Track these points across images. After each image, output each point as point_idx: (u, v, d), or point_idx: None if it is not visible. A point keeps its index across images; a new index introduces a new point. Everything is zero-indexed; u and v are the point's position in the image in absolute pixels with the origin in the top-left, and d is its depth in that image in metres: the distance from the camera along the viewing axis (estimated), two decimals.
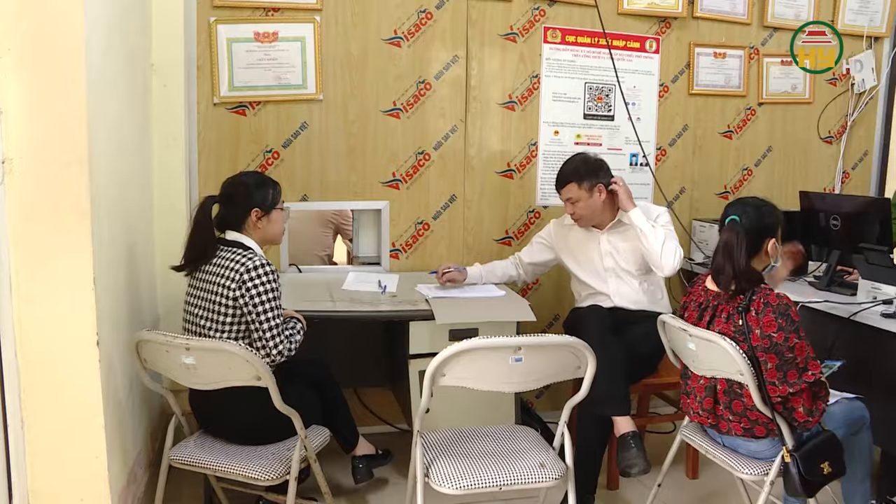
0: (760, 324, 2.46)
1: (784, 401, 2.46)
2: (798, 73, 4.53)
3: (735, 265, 2.54)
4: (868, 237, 3.42)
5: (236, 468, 2.50)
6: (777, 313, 2.44)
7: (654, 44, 4.19)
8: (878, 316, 3.02)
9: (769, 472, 2.53)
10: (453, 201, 3.94)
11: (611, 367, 2.95)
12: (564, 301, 3.97)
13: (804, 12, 4.50)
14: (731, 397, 2.57)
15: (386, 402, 3.84)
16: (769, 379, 2.44)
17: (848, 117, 4.69)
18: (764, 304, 2.47)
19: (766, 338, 2.44)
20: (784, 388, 2.42)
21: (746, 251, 2.55)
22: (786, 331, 2.42)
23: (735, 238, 2.57)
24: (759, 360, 2.46)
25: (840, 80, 4.65)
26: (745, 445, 2.63)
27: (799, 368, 2.42)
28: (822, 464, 2.45)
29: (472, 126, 3.92)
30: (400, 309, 3.18)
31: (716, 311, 2.61)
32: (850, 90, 4.67)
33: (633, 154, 4.21)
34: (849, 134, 4.70)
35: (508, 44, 3.94)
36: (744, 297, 2.52)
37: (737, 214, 2.63)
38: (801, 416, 2.45)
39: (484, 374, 2.36)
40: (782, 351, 2.42)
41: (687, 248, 4.26)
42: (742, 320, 2.49)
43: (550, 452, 2.57)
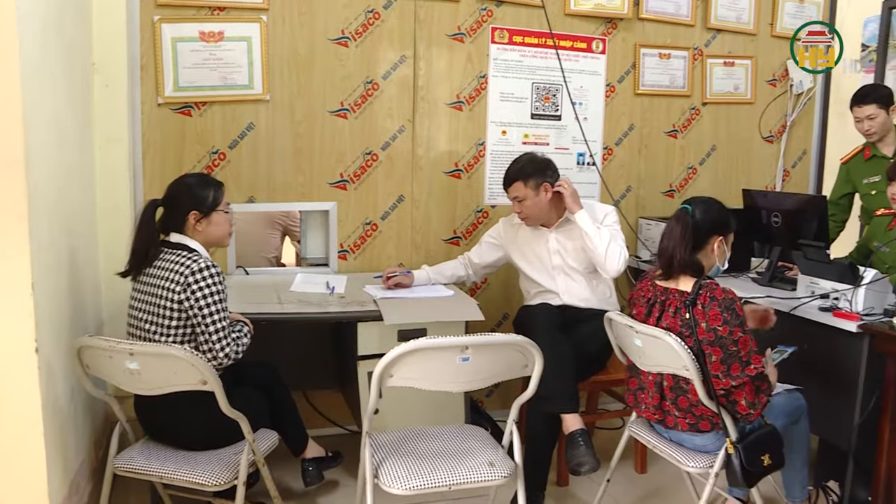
0: (707, 317, 2.51)
1: (727, 394, 2.51)
2: (740, 74, 4.62)
3: (678, 248, 2.61)
4: (807, 234, 3.51)
5: (183, 474, 2.46)
6: (722, 307, 2.50)
7: (600, 44, 4.23)
8: (817, 310, 3.10)
9: (714, 465, 2.60)
10: (401, 202, 3.93)
11: (559, 365, 2.98)
12: (513, 300, 4.00)
13: (745, 15, 4.59)
14: (677, 393, 2.62)
15: (335, 403, 3.81)
16: (713, 372, 2.50)
17: (787, 117, 4.81)
18: (710, 299, 2.53)
19: (711, 331, 2.50)
20: (727, 381, 2.48)
21: (693, 235, 2.62)
22: (731, 324, 2.48)
23: (683, 224, 2.64)
24: (705, 354, 2.51)
25: (780, 82, 4.76)
26: (691, 440, 2.68)
27: (742, 362, 2.48)
28: (763, 456, 2.53)
29: (420, 126, 3.92)
30: (348, 310, 3.16)
31: (664, 306, 2.65)
32: (788, 91, 4.78)
33: (580, 153, 4.24)
34: (788, 133, 4.82)
35: (456, 44, 3.95)
36: (690, 291, 2.57)
37: (690, 205, 2.70)
38: (744, 408, 2.51)
39: (431, 374, 2.36)
40: (726, 344, 2.48)
41: (633, 246, 4.32)
42: (689, 314, 2.54)
43: (499, 451, 2.58)
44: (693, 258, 2.62)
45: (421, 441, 2.65)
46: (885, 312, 2.98)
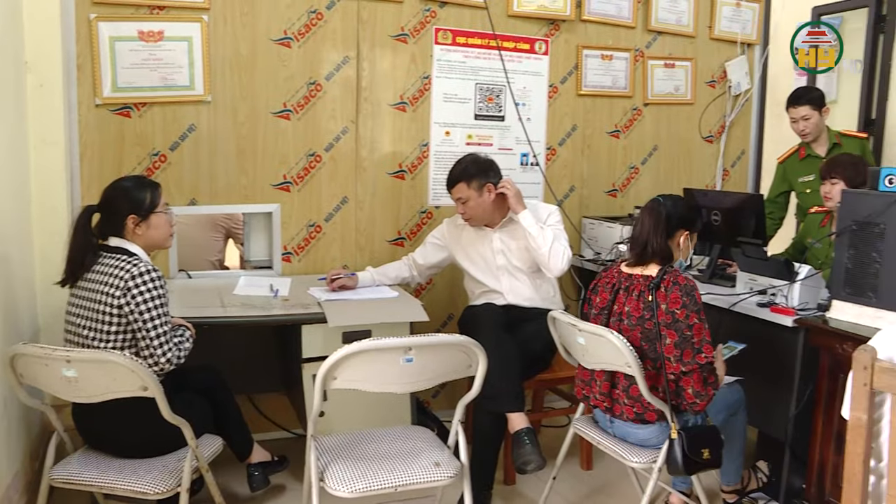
0: (667, 300, 2.58)
1: (676, 380, 2.58)
2: (680, 75, 4.70)
3: (652, 235, 2.70)
4: (745, 231, 3.59)
5: (124, 483, 2.41)
6: (683, 292, 2.57)
7: (543, 45, 4.27)
8: (755, 305, 3.18)
9: (657, 460, 2.64)
10: (345, 203, 3.91)
11: (504, 364, 3.00)
12: (458, 300, 4.01)
13: (685, 18, 4.68)
14: (629, 381, 2.66)
15: (281, 407, 3.78)
16: (666, 354, 2.56)
17: (726, 118, 4.91)
18: (673, 283, 2.60)
19: (669, 313, 2.57)
20: (678, 366, 2.55)
21: (665, 225, 2.71)
22: (688, 309, 2.55)
23: (656, 214, 2.73)
24: (661, 336, 2.57)
25: (718, 83, 4.86)
26: (635, 433, 2.72)
27: (694, 349, 2.54)
28: (704, 450, 2.58)
29: (364, 127, 3.90)
30: (292, 312, 3.14)
31: (628, 291, 2.71)
32: (727, 92, 4.88)
33: (524, 154, 4.27)
34: (727, 133, 4.92)
35: (399, 45, 3.94)
36: (655, 276, 2.64)
37: (661, 197, 2.80)
38: (690, 397, 2.57)
39: (375, 375, 2.36)
40: (682, 328, 2.55)
41: (577, 245, 4.37)
42: (652, 296, 2.60)
43: (445, 451, 2.59)
44: (666, 245, 2.72)
45: (367, 443, 2.64)
46: (819, 307, 3.06)
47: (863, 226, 2.76)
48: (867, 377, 1.63)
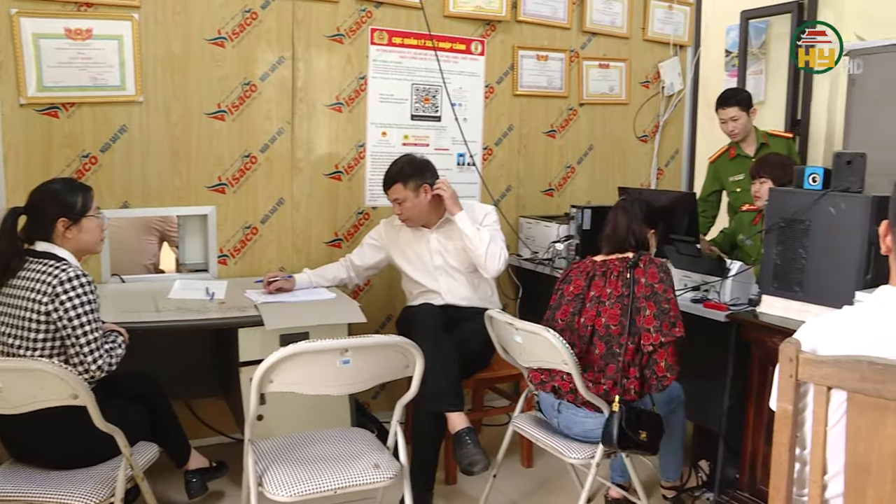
0: (646, 274, 2.70)
1: (653, 351, 2.65)
2: (615, 76, 4.77)
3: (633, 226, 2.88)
4: (679, 229, 3.65)
5: (54, 496, 2.34)
6: (660, 269, 2.72)
7: (479, 46, 4.29)
8: (689, 302, 3.24)
9: (595, 456, 2.68)
10: (281, 204, 3.87)
11: (443, 364, 3.01)
12: (396, 301, 4.00)
13: (619, 19, 4.75)
14: (606, 361, 2.72)
15: (219, 412, 3.73)
16: (646, 325, 2.66)
17: (660, 118, 4.99)
18: (650, 262, 2.74)
19: (648, 286, 2.68)
20: (657, 336, 2.64)
21: (643, 215, 2.89)
22: (665, 283, 2.69)
23: (631, 211, 2.92)
24: (640, 311, 2.66)
25: (652, 83, 4.94)
26: (582, 423, 2.76)
27: (671, 321, 2.64)
28: (642, 431, 2.63)
29: (300, 128, 3.87)
30: (228, 316, 3.10)
31: (605, 275, 2.80)
32: (660, 93, 4.97)
33: (461, 154, 4.29)
34: (661, 133, 5.01)
35: (335, 45, 3.92)
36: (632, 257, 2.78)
37: (632, 199, 3.00)
38: (662, 370, 2.66)
39: (312, 378, 2.34)
40: (660, 301, 2.66)
41: (514, 245, 4.40)
42: (630, 274, 2.71)
43: (385, 452, 2.58)
44: (645, 233, 2.89)
45: (306, 446, 2.62)
46: (750, 302, 3.14)
47: (790, 223, 2.84)
48: (792, 369, 1.67)
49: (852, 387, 1.57)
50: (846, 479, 1.60)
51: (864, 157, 2.71)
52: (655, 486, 3.35)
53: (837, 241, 2.70)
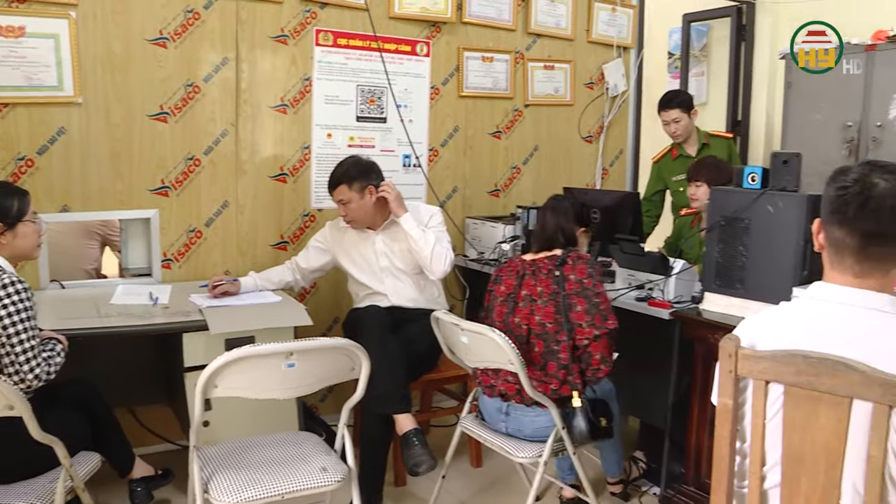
0: (574, 271, 2.74)
1: (587, 345, 2.69)
2: (560, 77, 4.81)
3: (564, 223, 2.91)
4: (623, 228, 3.70)
5: None
6: (588, 265, 2.77)
7: (424, 47, 4.29)
8: (634, 300, 3.28)
9: (542, 454, 2.71)
10: (226, 207, 3.82)
11: (389, 366, 3.00)
12: (343, 303, 3.97)
13: (563, 21, 4.79)
14: (545, 359, 2.74)
15: (165, 418, 3.66)
16: (577, 321, 2.69)
17: (604, 118, 5.05)
18: (578, 258, 2.79)
19: (578, 282, 2.72)
20: (591, 329, 2.67)
21: (571, 215, 2.93)
22: (594, 279, 2.73)
23: (563, 208, 2.96)
24: (572, 306, 2.69)
25: (596, 84, 5.00)
26: (533, 422, 2.78)
27: (602, 315, 2.68)
28: (602, 418, 2.73)
29: (244, 130, 3.82)
30: (173, 321, 3.05)
31: (535, 274, 2.81)
32: (605, 94, 5.03)
33: (406, 155, 4.28)
34: (606, 134, 5.07)
35: (280, 46, 3.88)
36: (560, 254, 2.81)
37: (561, 198, 3.05)
38: (596, 362, 2.70)
39: (257, 382, 2.32)
40: (590, 295, 2.70)
41: (461, 245, 4.42)
42: (559, 272, 2.74)
43: (332, 456, 2.57)
44: (574, 231, 2.93)
45: (253, 451, 2.59)
46: (693, 299, 3.19)
47: (730, 221, 2.89)
48: (731, 364, 1.70)
49: (788, 380, 1.61)
50: (783, 470, 1.65)
51: (799, 156, 2.77)
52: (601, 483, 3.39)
53: (775, 239, 2.76)
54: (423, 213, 3.56)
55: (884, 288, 1.64)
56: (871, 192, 1.59)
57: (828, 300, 1.68)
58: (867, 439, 1.52)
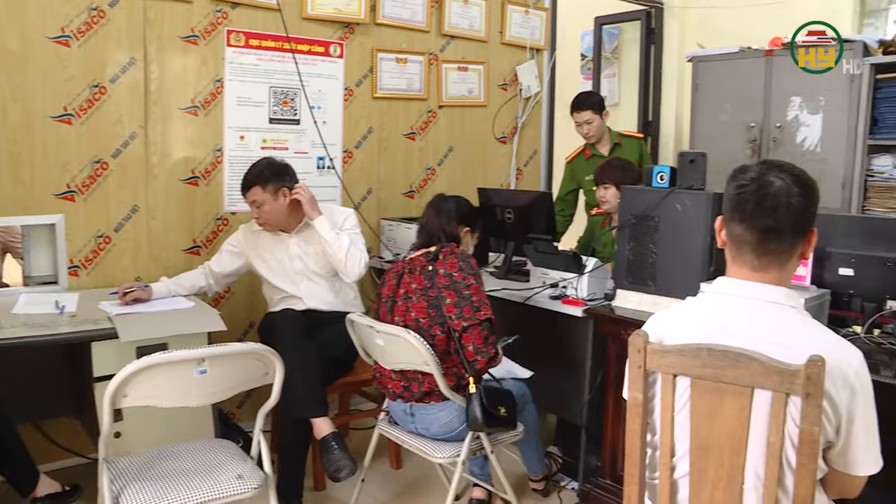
0: (445, 265, 2.74)
1: (459, 337, 2.68)
2: (474, 78, 4.85)
3: (443, 221, 2.92)
4: (537, 228, 3.76)
5: None
6: (460, 259, 2.77)
7: (338, 48, 4.26)
8: (548, 298, 3.33)
9: (460, 454, 2.73)
10: (136, 212, 3.71)
11: (305, 370, 2.99)
12: (258, 307, 3.89)
13: (477, 23, 4.83)
14: None
15: (74, 431, 3.54)
16: (448, 313, 2.68)
17: (518, 119, 5.12)
18: (450, 253, 2.79)
19: (447, 276, 2.72)
20: (459, 322, 2.66)
21: (456, 213, 2.95)
22: (464, 272, 2.73)
23: (446, 207, 2.97)
24: (442, 299, 2.70)
25: (510, 86, 5.05)
26: (438, 417, 2.79)
27: (473, 306, 2.68)
28: (501, 407, 2.73)
29: (154, 132, 3.72)
30: (81, 329, 2.95)
31: (411, 270, 2.82)
32: (518, 95, 5.09)
33: (320, 157, 4.25)
34: (519, 134, 5.13)
35: (190, 46, 3.80)
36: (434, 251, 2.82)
37: (446, 196, 3.04)
38: (471, 354, 2.68)
39: (168, 390, 2.28)
40: (460, 288, 2.70)
41: (376, 247, 4.42)
42: (431, 267, 2.75)
43: (248, 462, 2.53)
44: (456, 231, 2.92)
45: (166, 461, 2.54)
46: (606, 297, 3.26)
47: (640, 219, 2.95)
48: (640, 359, 1.75)
49: (694, 373, 1.67)
50: (691, 460, 1.70)
51: (704, 156, 2.86)
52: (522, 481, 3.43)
53: (683, 236, 2.84)
54: (338, 215, 3.55)
55: (781, 282, 1.71)
56: (768, 190, 1.66)
57: (730, 294, 1.74)
58: (767, 426, 1.59)
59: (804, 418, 1.54)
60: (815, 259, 2.69)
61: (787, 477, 1.61)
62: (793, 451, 1.58)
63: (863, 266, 2.66)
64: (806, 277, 2.67)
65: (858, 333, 2.59)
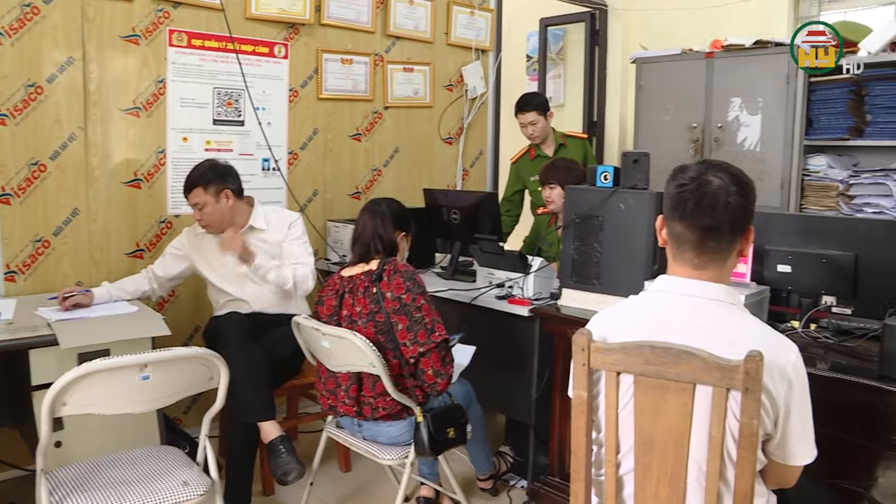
0: (391, 287, 2.66)
1: (416, 362, 2.65)
2: (419, 79, 4.85)
3: (379, 228, 2.83)
4: (483, 228, 3.78)
5: None
6: (405, 277, 2.68)
7: (282, 49, 4.23)
8: (494, 298, 3.35)
9: (409, 455, 2.73)
10: (76, 215, 3.63)
11: (251, 373, 2.96)
12: (204, 311, 3.86)
13: (422, 24, 4.84)
14: (374, 379, 2.69)
15: (12, 443, 3.43)
16: (401, 340, 2.64)
17: (464, 120, 5.14)
18: (394, 272, 2.70)
19: (396, 300, 2.65)
20: (415, 347, 2.63)
21: (391, 217, 2.85)
22: (413, 292, 2.65)
23: (380, 212, 2.87)
24: (393, 324, 2.64)
25: (456, 87, 5.07)
26: (387, 432, 2.77)
27: (427, 329, 2.64)
28: (449, 429, 2.71)
29: (94, 134, 3.64)
30: (18, 337, 2.86)
31: (353, 291, 2.75)
32: (464, 96, 5.11)
33: (265, 159, 4.21)
34: (466, 135, 5.15)
35: (131, 46, 3.73)
36: (376, 268, 2.72)
37: (378, 199, 2.96)
38: (430, 377, 2.67)
39: (110, 397, 2.23)
40: (411, 311, 2.64)
41: (323, 249, 4.40)
42: (376, 288, 2.67)
43: (194, 468, 2.50)
44: (393, 237, 2.84)
45: (110, 469, 2.48)
46: (552, 296, 3.29)
47: (584, 219, 2.98)
48: (584, 358, 1.77)
49: (637, 370, 1.69)
50: (636, 456, 1.73)
51: (647, 156, 2.90)
52: (474, 484, 3.45)
53: (627, 235, 2.88)
54: (283, 220, 3.52)
55: (720, 279, 1.75)
56: (707, 189, 1.69)
57: (670, 292, 1.77)
58: (709, 421, 1.62)
59: (744, 412, 1.58)
60: (755, 256, 2.75)
61: (728, 470, 1.65)
62: (733, 444, 1.62)
63: (800, 263, 2.72)
64: (746, 274, 2.73)
65: (796, 328, 2.65)
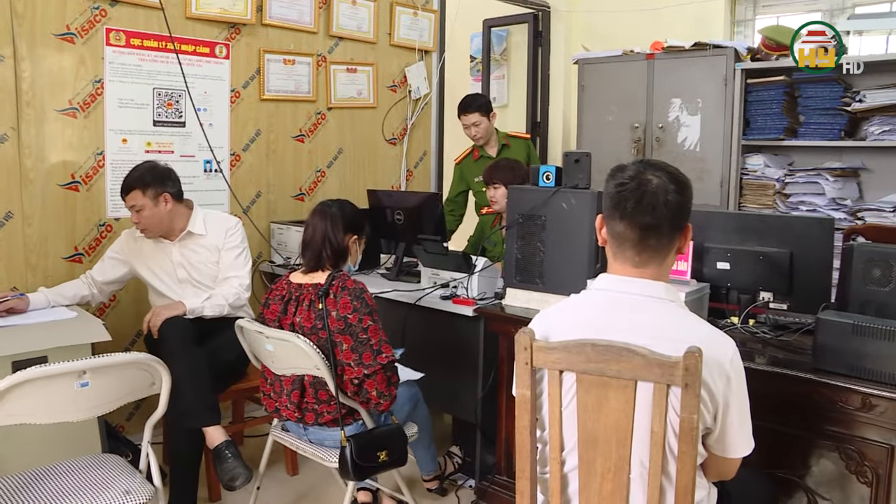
0: (337, 306, 2.61)
1: (360, 383, 2.61)
2: (363, 80, 4.84)
3: (330, 235, 2.75)
4: (427, 229, 3.78)
5: None
6: (353, 296, 2.61)
7: (224, 49, 4.18)
8: (439, 299, 3.36)
9: None
10: (10, 219, 3.53)
11: (194, 378, 2.93)
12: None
13: (365, 25, 4.83)
14: (317, 387, 2.67)
15: None
16: (345, 360, 2.59)
17: (408, 121, 5.14)
18: (342, 288, 2.63)
19: (341, 319, 2.60)
20: (360, 369, 2.58)
21: (343, 227, 2.78)
22: (360, 312, 2.60)
23: (331, 216, 2.79)
24: (336, 344, 2.60)
25: (399, 87, 5.07)
26: (332, 436, 2.74)
27: (373, 350, 2.60)
28: (381, 452, 2.64)
29: (27, 135, 3.55)
30: None
31: (299, 301, 2.70)
32: (408, 96, 5.12)
33: (207, 161, 4.15)
34: (409, 136, 5.16)
35: (66, 44, 3.64)
36: (324, 282, 2.66)
37: (329, 201, 2.87)
38: (375, 398, 2.63)
39: (47, 405, 2.18)
40: (356, 332, 2.59)
41: (267, 251, 4.37)
42: (322, 304, 2.62)
43: (137, 477, 2.45)
44: (343, 244, 2.77)
45: (48, 480, 2.42)
46: (496, 296, 3.31)
47: (527, 218, 3.01)
48: (527, 357, 1.79)
49: (579, 368, 1.72)
50: (579, 453, 1.76)
51: (589, 155, 2.93)
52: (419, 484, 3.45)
53: (570, 234, 2.90)
54: (222, 226, 3.47)
55: (660, 276, 1.79)
56: (647, 188, 1.73)
57: (611, 290, 1.80)
58: (650, 417, 1.65)
59: (684, 408, 1.62)
60: (695, 254, 2.79)
61: (670, 464, 1.68)
62: (675, 439, 1.66)
63: (738, 260, 2.78)
64: (686, 272, 2.77)
65: (735, 324, 2.71)
